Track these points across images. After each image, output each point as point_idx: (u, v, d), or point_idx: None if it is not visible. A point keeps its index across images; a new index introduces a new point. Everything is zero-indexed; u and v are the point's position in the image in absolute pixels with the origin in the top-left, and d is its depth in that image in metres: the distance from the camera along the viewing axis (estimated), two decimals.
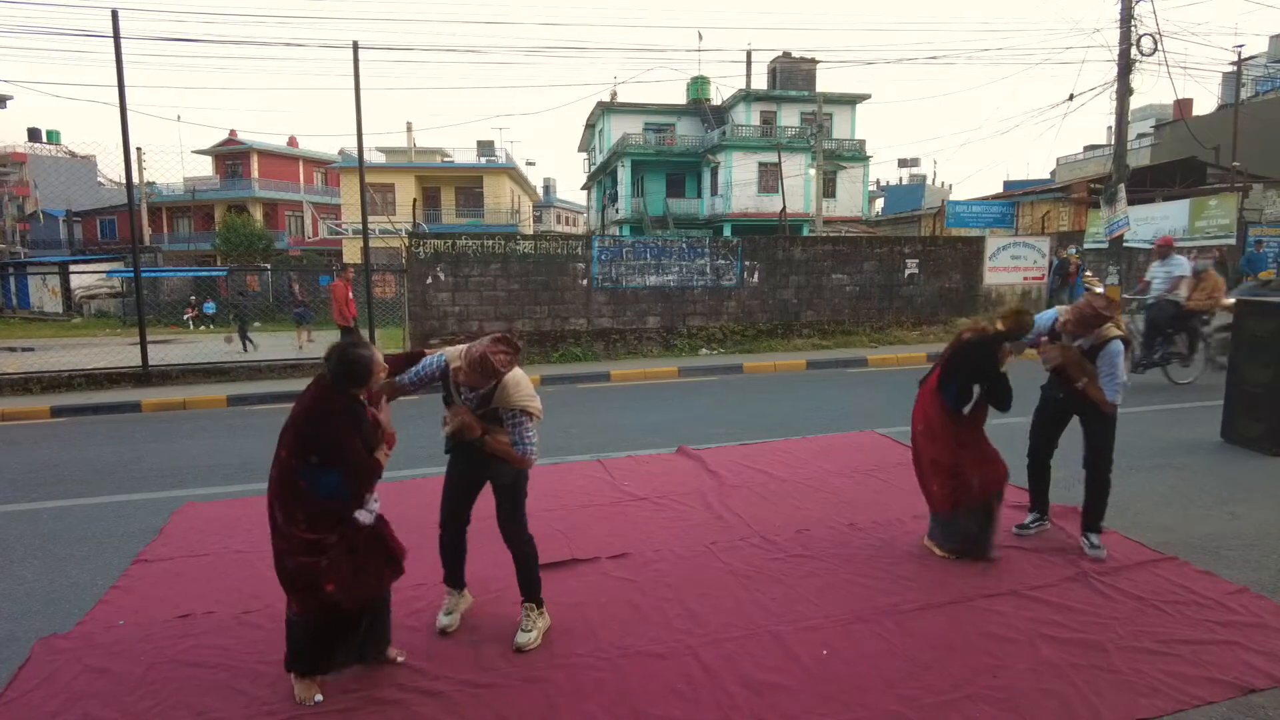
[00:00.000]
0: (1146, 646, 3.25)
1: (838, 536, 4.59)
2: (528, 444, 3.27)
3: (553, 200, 65.88)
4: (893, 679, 3.05)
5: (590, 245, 13.67)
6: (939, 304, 15.21)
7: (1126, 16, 13.37)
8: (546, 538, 4.63)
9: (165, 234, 43.79)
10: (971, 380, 4.14)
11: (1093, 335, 4.09)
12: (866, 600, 3.75)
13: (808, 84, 37.33)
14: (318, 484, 2.84)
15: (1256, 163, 22.17)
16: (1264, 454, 6.05)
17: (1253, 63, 30.57)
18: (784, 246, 14.65)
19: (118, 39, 10.28)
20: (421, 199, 36.91)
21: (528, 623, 3.40)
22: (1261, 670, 3.05)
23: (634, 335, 13.53)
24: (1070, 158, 39.56)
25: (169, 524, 5.02)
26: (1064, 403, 4.32)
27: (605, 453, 6.68)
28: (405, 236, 13.08)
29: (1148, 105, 36.82)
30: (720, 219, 35.71)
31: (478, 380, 3.11)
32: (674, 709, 2.89)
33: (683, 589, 3.91)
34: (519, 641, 3.32)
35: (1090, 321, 4.03)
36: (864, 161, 37.72)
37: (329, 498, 2.87)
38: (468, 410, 3.22)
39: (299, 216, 45.64)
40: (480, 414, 3.23)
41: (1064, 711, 2.82)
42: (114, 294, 29.08)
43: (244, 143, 44.27)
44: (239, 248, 36.27)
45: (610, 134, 39.17)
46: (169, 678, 3.16)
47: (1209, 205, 16.92)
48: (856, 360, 12.17)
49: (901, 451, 6.41)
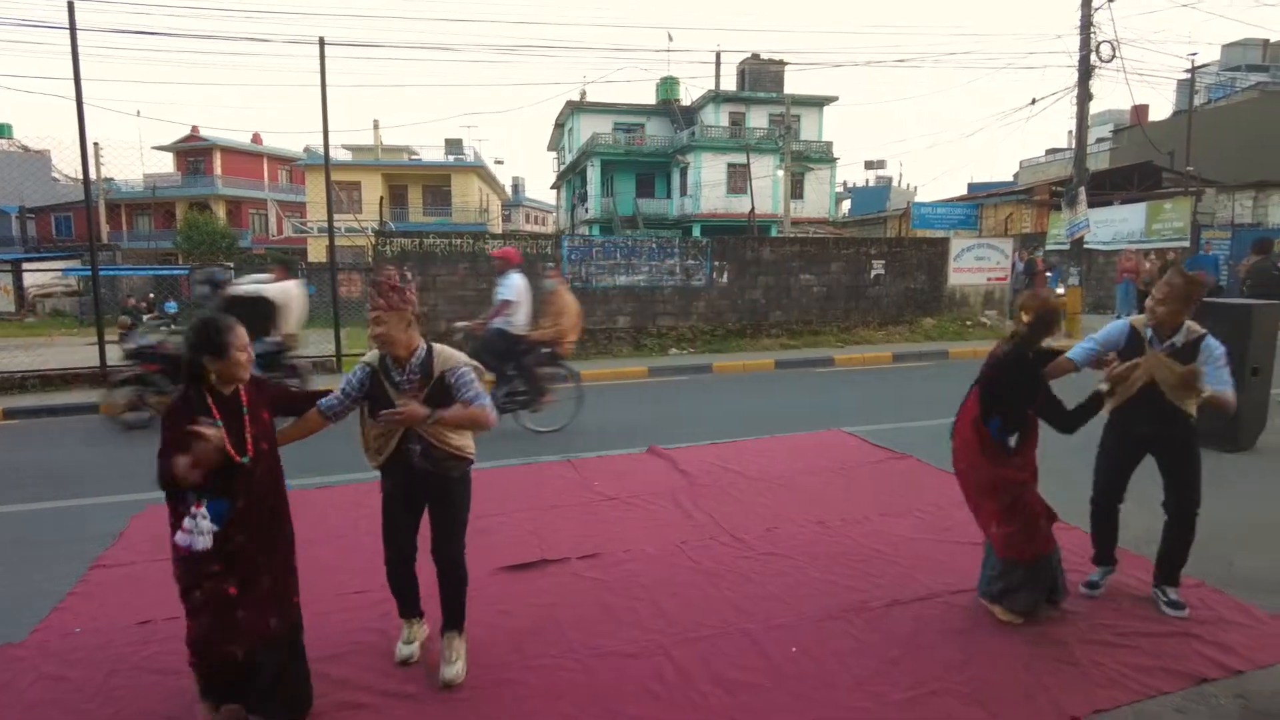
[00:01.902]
0: (1106, 639, 3.33)
1: (807, 534, 4.63)
2: (485, 398, 3.02)
3: (522, 199, 65.57)
4: (862, 676, 3.09)
5: (560, 245, 13.64)
6: (904, 304, 15.41)
7: (1086, 24, 13.67)
8: (517, 539, 4.62)
9: (124, 231, 42.77)
10: (1015, 404, 3.46)
11: (1183, 331, 3.45)
12: (835, 597, 3.79)
13: (776, 85, 37.61)
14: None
15: (1209, 168, 22.83)
16: (1220, 451, 6.21)
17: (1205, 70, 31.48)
18: (753, 247, 14.74)
19: (73, 30, 10.01)
20: (388, 197, 36.51)
21: (453, 653, 3.12)
22: (1214, 660, 3.14)
23: (604, 335, 13.52)
24: (1033, 160, 40.39)
25: (128, 528, 4.91)
26: (1147, 437, 3.59)
27: (575, 453, 6.67)
28: (371, 235, 12.94)
29: (1106, 110, 37.65)
30: (690, 219, 35.83)
31: (394, 328, 2.88)
32: (647, 709, 2.90)
33: (654, 588, 3.92)
34: (449, 676, 3.03)
35: (1188, 294, 3.36)
36: (831, 163, 38.13)
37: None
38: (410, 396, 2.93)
39: (263, 215, 44.91)
40: (426, 394, 2.95)
41: (1027, 704, 2.88)
42: (70, 293, 28.35)
43: (207, 139, 43.41)
44: (201, 246, 35.56)
45: (580, 133, 39.10)
46: (130, 685, 3.09)
47: (1164, 209, 17.37)
48: (824, 360, 12.28)
49: (868, 450, 6.49)
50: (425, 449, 2.99)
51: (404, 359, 2.97)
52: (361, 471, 5.86)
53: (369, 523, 4.60)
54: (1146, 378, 3.44)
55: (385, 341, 2.92)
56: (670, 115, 39.12)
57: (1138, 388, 3.47)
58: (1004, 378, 3.44)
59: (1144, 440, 3.63)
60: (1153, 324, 3.49)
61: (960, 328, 14.84)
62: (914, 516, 4.85)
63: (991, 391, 3.46)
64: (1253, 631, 3.37)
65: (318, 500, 5.40)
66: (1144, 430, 3.58)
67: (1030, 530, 3.40)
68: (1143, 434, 3.60)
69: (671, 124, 38.98)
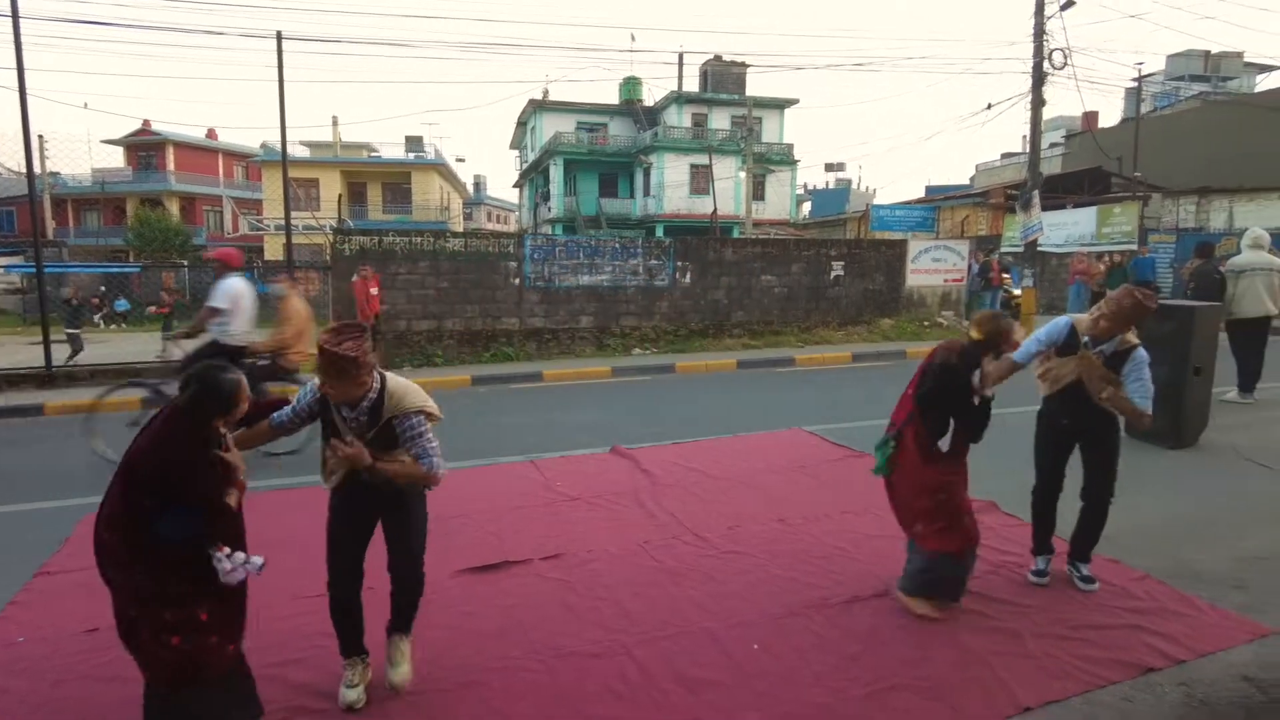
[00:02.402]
0: (1059, 632, 3.42)
1: (768, 532, 4.67)
2: (432, 455, 2.84)
3: (483, 198, 65.00)
4: (822, 672, 3.13)
5: (523, 244, 13.56)
6: (864, 305, 15.62)
7: (1040, 31, 14.00)
8: (479, 540, 4.59)
9: (71, 227, 41.46)
10: (946, 411, 3.55)
11: (1115, 341, 3.68)
12: (796, 595, 3.83)
13: (738, 87, 37.85)
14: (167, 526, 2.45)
15: (1155, 174, 23.57)
16: (1163, 448, 6.41)
17: (1151, 80, 32.48)
18: (715, 248, 14.83)
19: (16, 19, 9.69)
20: (347, 195, 35.97)
21: (400, 655, 3.03)
22: (1160, 650, 3.24)
23: (567, 335, 13.48)
24: (988, 164, 41.22)
25: (75, 533, 4.75)
26: (1070, 429, 3.86)
27: (538, 453, 6.64)
28: (330, 233, 12.73)
29: (1059, 116, 38.64)
30: (653, 219, 35.88)
31: (343, 389, 2.69)
32: (610, 708, 2.90)
33: (617, 588, 3.92)
34: (398, 680, 2.98)
35: (1131, 316, 3.59)
36: (792, 165, 38.50)
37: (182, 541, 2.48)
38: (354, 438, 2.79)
39: (218, 211, 43.89)
40: (370, 437, 2.80)
41: (984, 697, 2.95)
42: (12, 290, 27.38)
43: (159, 133, 42.29)
44: (153, 244, 34.61)
45: (542, 132, 38.92)
46: (77, 695, 3.01)
47: (1114, 213, 17.87)
48: (785, 360, 12.40)
49: (828, 449, 6.58)
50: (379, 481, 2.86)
51: (356, 400, 2.79)
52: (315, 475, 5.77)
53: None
54: (1076, 375, 3.71)
55: (338, 398, 2.77)
56: (633, 115, 39.13)
57: (1066, 382, 3.75)
58: (936, 385, 3.53)
59: (1070, 431, 3.87)
60: (1093, 334, 3.71)
61: (918, 328, 15.09)
62: (873, 514, 4.92)
63: (923, 394, 3.57)
64: (1195, 622, 3.49)
65: (273, 503, 5.30)
66: (1069, 423, 3.84)
67: (956, 524, 3.51)
68: (1068, 426, 3.85)
69: (634, 124, 38.99)
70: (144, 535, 2.44)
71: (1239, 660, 3.18)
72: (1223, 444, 6.51)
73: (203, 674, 2.51)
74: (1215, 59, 38.52)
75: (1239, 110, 25.33)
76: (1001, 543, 4.38)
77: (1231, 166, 23.19)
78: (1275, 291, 8.01)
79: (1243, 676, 3.05)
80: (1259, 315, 7.88)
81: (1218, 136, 25.02)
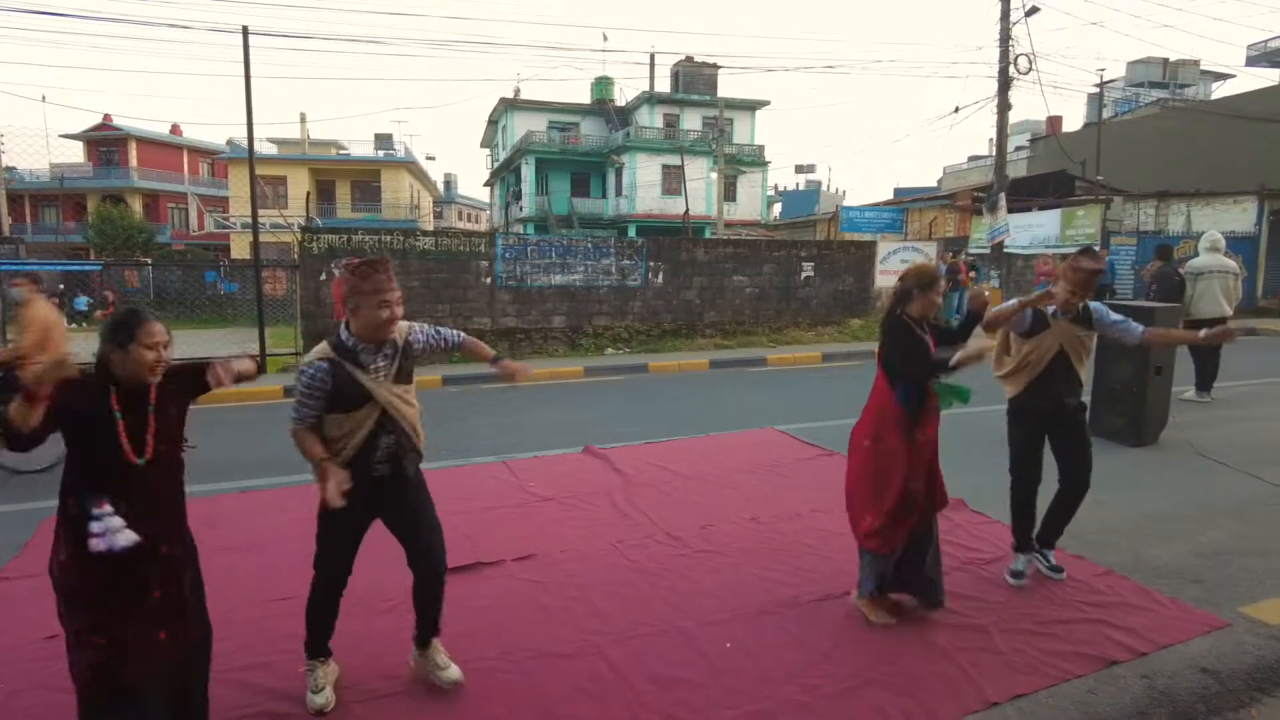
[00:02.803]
0: (1025, 628, 3.47)
1: (741, 531, 4.69)
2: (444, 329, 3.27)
3: (454, 196, 64.57)
4: (795, 669, 3.15)
5: (494, 243, 13.50)
6: (833, 305, 15.78)
7: (1005, 37, 14.26)
8: (451, 541, 4.49)
9: (28, 224, 40.43)
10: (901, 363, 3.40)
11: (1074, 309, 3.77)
12: (769, 593, 3.85)
13: (710, 88, 37.99)
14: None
15: (1117, 177, 24.03)
16: (1126, 445, 6.55)
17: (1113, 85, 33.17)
18: (687, 248, 14.88)
19: None
20: (315, 192, 35.55)
21: (444, 658, 3.06)
22: (1123, 644, 3.31)
23: (539, 334, 13.43)
24: (956, 167, 41.82)
25: (35, 537, 4.64)
26: (1049, 414, 3.86)
27: (510, 454, 6.61)
28: (298, 231, 12.55)
29: (1024, 120, 39.29)
30: (625, 219, 35.91)
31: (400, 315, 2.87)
32: (582, 708, 2.90)
33: (590, 588, 3.92)
34: (455, 675, 3.01)
35: (1091, 278, 3.66)
36: (763, 166, 38.74)
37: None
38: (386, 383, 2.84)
39: (183, 209, 43.13)
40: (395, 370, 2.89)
41: (952, 692, 2.99)
42: None
43: (121, 128, 41.44)
44: (115, 240, 33.85)
45: (514, 131, 38.76)
46: (35, 705, 2.93)
47: (1077, 215, 18.21)
48: (756, 360, 12.48)
49: (800, 448, 6.62)
50: (399, 439, 2.88)
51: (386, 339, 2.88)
52: (280, 475, 5.69)
53: (292, 529, 4.49)
54: (1059, 345, 3.77)
55: (394, 322, 2.85)
56: (605, 115, 39.13)
57: (1050, 358, 3.78)
58: (885, 339, 3.46)
59: (1048, 417, 3.88)
60: (1064, 308, 3.77)
61: None
62: (844, 512, 4.94)
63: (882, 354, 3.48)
64: (1155, 615, 3.57)
65: (237, 506, 5.22)
66: (1050, 405, 3.84)
67: (897, 525, 3.41)
68: (1049, 409, 3.85)
69: (606, 124, 38.99)
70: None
71: (1197, 652, 3.26)
72: (1182, 442, 6.66)
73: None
74: (1173, 67, 39.45)
75: (1196, 117, 25.95)
76: (969, 540, 4.45)
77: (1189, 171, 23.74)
78: (1231, 293, 8.24)
79: (1201, 668, 3.13)
80: (1216, 316, 8.09)
81: (1176, 142, 25.60)
